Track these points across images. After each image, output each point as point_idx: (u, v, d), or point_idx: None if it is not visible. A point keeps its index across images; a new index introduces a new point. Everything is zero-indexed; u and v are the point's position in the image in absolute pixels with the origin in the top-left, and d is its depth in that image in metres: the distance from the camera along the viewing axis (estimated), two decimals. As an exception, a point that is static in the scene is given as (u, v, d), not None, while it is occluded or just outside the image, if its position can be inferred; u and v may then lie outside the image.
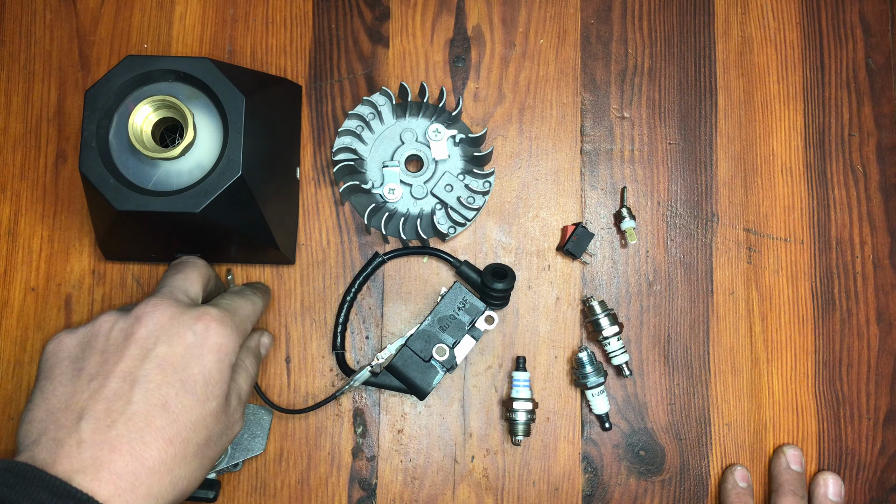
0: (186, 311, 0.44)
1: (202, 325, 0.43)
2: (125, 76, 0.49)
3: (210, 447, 0.43)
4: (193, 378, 0.42)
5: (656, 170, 0.61)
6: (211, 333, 0.43)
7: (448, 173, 0.59)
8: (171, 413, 0.41)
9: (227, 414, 0.45)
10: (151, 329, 0.43)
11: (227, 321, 0.45)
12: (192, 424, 0.41)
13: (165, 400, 0.41)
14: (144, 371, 0.41)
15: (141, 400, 0.40)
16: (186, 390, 0.41)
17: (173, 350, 0.42)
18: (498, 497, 0.57)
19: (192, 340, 0.43)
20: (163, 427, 0.40)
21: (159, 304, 0.44)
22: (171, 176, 0.49)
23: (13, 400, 0.57)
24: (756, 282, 0.60)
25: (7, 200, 0.59)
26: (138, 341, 0.42)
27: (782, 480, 0.56)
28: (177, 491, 0.41)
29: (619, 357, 0.57)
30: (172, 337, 0.42)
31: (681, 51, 0.62)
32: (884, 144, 0.62)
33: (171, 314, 0.43)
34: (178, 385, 0.41)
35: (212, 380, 0.43)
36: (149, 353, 0.42)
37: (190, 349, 0.42)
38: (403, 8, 0.62)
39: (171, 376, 0.41)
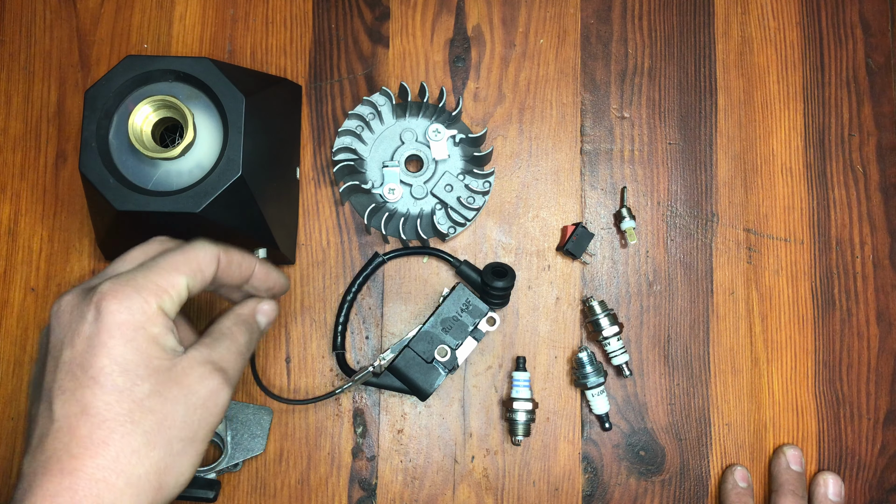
0: (83, 300, 0.39)
1: (93, 310, 0.38)
2: (125, 76, 0.49)
3: (172, 428, 0.39)
4: (103, 370, 0.38)
5: (656, 170, 0.61)
6: (106, 314, 0.38)
7: (448, 173, 0.59)
8: (93, 416, 0.37)
9: (185, 385, 0.39)
10: (56, 333, 0.39)
11: (122, 292, 0.39)
12: (126, 416, 0.37)
13: (84, 404, 0.37)
14: (59, 383, 0.38)
15: (60, 413, 0.37)
16: (103, 385, 0.37)
17: (75, 349, 0.38)
18: (498, 497, 0.57)
19: (90, 330, 0.38)
20: (89, 434, 0.37)
21: (62, 301, 0.40)
22: (171, 176, 0.49)
23: (13, 400, 0.57)
24: (756, 282, 0.60)
25: (7, 200, 0.59)
26: (51, 352, 0.39)
27: (782, 480, 0.56)
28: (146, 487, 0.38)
29: (619, 357, 0.57)
30: (73, 335, 0.38)
31: (681, 51, 0.62)
32: (884, 144, 0.62)
33: (70, 308, 0.39)
34: (91, 383, 0.37)
35: (127, 363, 0.38)
36: (58, 362, 0.39)
37: (90, 341, 0.38)
38: (403, 8, 0.62)
39: (81, 377, 0.38)
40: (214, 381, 0.41)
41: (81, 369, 0.38)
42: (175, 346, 0.40)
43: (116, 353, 0.38)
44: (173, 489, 0.39)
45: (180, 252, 0.42)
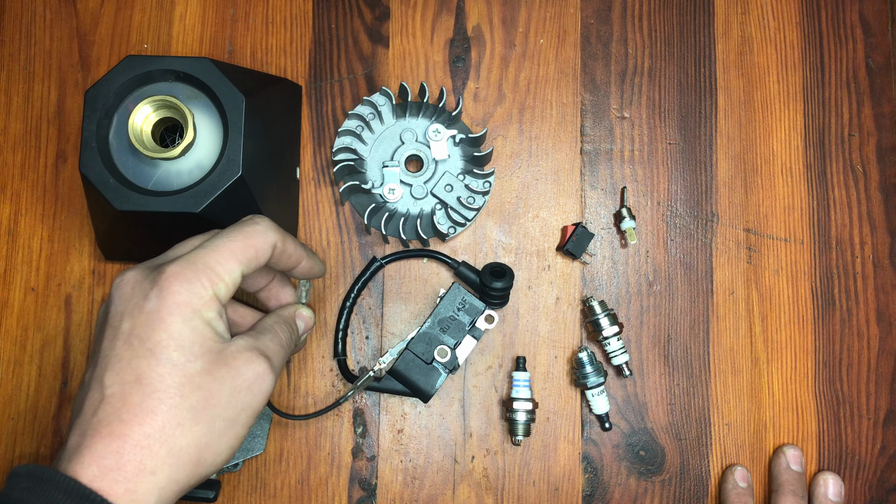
0: (146, 277, 0.42)
1: (157, 288, 0.41)
2: (125, 76, 0.49)
3: (217, 407, 0.41)
4: (161, 343, 0.40)
5: (656, 170, 0.61)
6: (167, 294, 0.40)
7: (448, 173, 0.59)
8: (146, 385, 0.39)
9: (234, 367, 0.42)
10: (118, 305, 0.42)
11: (183, 274, 0.41)
12: (176, 390, 0.39)
13: (138, 373, 0.39)
14: (116, 352, 0.40)
15: (114, 380, 0.39)
16: (156, 358, 0.39)
17: (135, 321, 0.40)
18: (498, 497, 0.57)
19: (152, 306, 0.40)
20: (140, 401, 0.39)
21: (125, 276, 0.42)
22: (171, 176, 0.49)
23: (13, 400, 0.57)
24: (756, 282, 0.60)
25: (7, 200, 0.59)
26: (110, 322, 0.41)
27: (782, 480, 0.56)
28: (186, 460, 0.39)
29: (619, 357, 0.57)
30: (134, 308, 0.41)
31: (681, 51, 0.62)
32: (884, 144, 0.62)
33: (133, 283, 0.42)
34: (148, 355, 0.39)
35: (183, 339, 0.40)
36: (117, 331, 0.41)
37: (150, 316, 0.40)
38: (403, 8, 0.62)
39: (139, 348, 0.40)
40: (260, 367, 0.43)
41: (139, 340, 0.40)
42: (224, 332, 0.42)
43: (174, 329, 0.40)
44: (210, 467, 0.41)
45: (241, 237, 0.44)
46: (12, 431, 0.57)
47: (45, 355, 0.57)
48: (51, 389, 0.57)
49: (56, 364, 0.57)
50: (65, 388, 0.57)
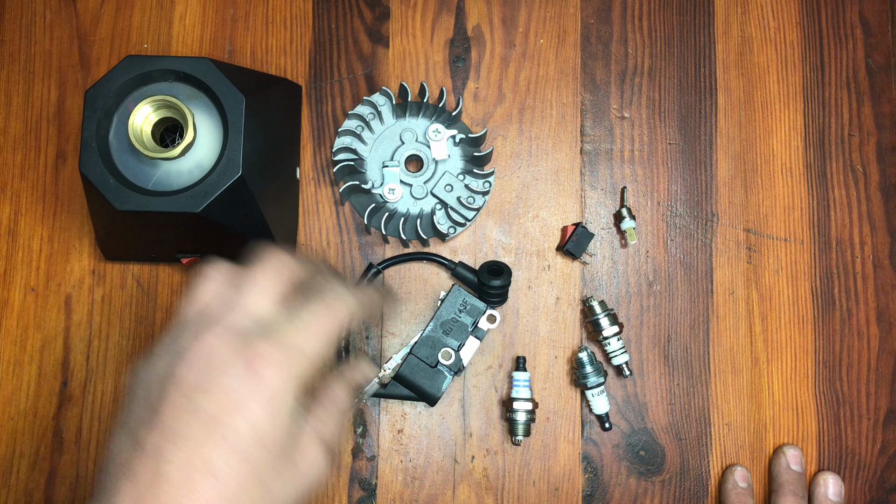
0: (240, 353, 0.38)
1: (247, 369, 0.37)
2: (125, 76, 0.49)
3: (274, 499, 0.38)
4: (239, 434, 0.37)
5: (656, 170, 0.61)
6: (257, 379, 0.37)
7: (448, 173, 0.59)
8: (216, 478, 0.36)
9: (296, 462, 0.39)
10: (195, 372, 0.38)
11: (279, 361, 0.38)
12: (242, 484, 0.36)
13: (208, 460, 0.36)
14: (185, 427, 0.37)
15: (181, 461, 0.36)
16: (232, 449, 0.36)
17: (215, 400, 0.37)
18: (498, 497, 0.57)
19: (237, 388, 0.37)
20: (205, 491, 0.36)
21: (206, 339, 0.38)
22: (171, 176, 0.49)
23: (13, 400, 0.57)
24: (756, 282, 0.60)
25: (7, 200, 0.59)
26: (181, 387, 0.37)
27: (782, 480, 0.56)
28: None
29: (619, 357, 0.57)
30: (215, 385, 0.37)
31: (681, 51, 0.62)
32: (884, 144, 0.62)
33: (216, 350, 0.38)
34: (223, 444, 0.36)
35: (261, 432, 0.37)
36: (191, 404, 0.37)
37: (233, 398, 0.37)
38: (403, 8, 0.62)
39: (214, 434, 0.36)
40: (322, 464, 0.40)
41: (216, 424, 0.37)
42: (300, 416, 0.39)
43: (255, 419, 0.37)
44: None
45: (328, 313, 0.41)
46: (12, 431, 0.57)
47: (45, 355, 0.57)
48: (51, 389, 0.57)
49: (56, 364, 0.57)
50: (65, 388, 0.57)
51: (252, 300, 0.40)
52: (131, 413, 0.38)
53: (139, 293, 0.58)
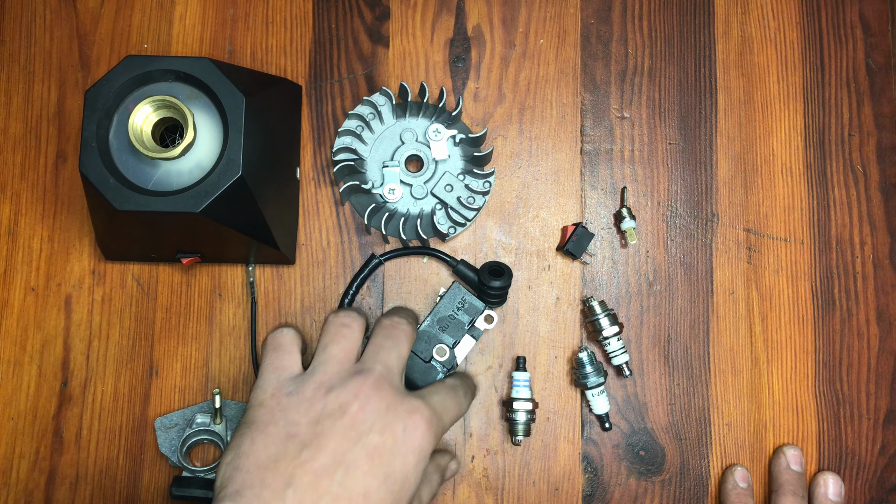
0: (402, 403, 0.44)
1: (413, 423, 0.43)
2: (125, 76, 0.49)
3: None
4: (395, 474, 0.42)
5: (656, 170, 0.61)
6: (418, 433, 0.43)
7: (448, 173, 0.59)
8: (369, 502, 0.40)
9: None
10: (368, 413, 0.43)
11: (434, 424, 0.44)
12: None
13: (367, 490, 0.40)
14: (354, 455, 0.41)
15: (346, 483, 0.40)
16: (387, 485, 0.41)
17: (384, 441, 0.42)
18: (498, 497, 0.57)
19: (401, 436, 0.42)
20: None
21: (381, 389, 0.44)
22: (171, 176, 0.49)
23: (13, 400, 0.57)
24: (756, 282, 0.60)
25: (7, 200, 0.59)
26: (353, 421, 0.42)
27: (782, 480, 0.56)
28: None
29: (619, 357, 0.57)
30: (385, 427, 0.42)
31: (681, 51, 0.62)
32: (884, 144, 0.62)
33: (389, 403, 0.43)
34: (381, 477, 0.41)
35: (408, 480, 0.42)
36: (361, 437, 0.42)
37: (397, 444, 0.42)
38: (403, 8, 0.62)
39: (377, 468, 0.41)
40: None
41: (381, 460, 0.41)
42: None
43: (408, 464, 0.42)
44: None
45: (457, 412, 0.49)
46: (12, 431, 0.57)
47: (45, 355, 0.57)
48: (51, 389, 0.57)
49: (56, 364, 0.57)
50: (65, 388, 0.57)
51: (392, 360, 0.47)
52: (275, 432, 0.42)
53: (139, 293, 0.58)
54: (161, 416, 0.56)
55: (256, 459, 0.41)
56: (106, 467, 0.56)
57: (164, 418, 0.56)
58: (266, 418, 0.43)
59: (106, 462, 0.57)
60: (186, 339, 0.58)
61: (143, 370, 0.57)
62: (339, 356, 0.46)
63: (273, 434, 0.42)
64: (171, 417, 0.56)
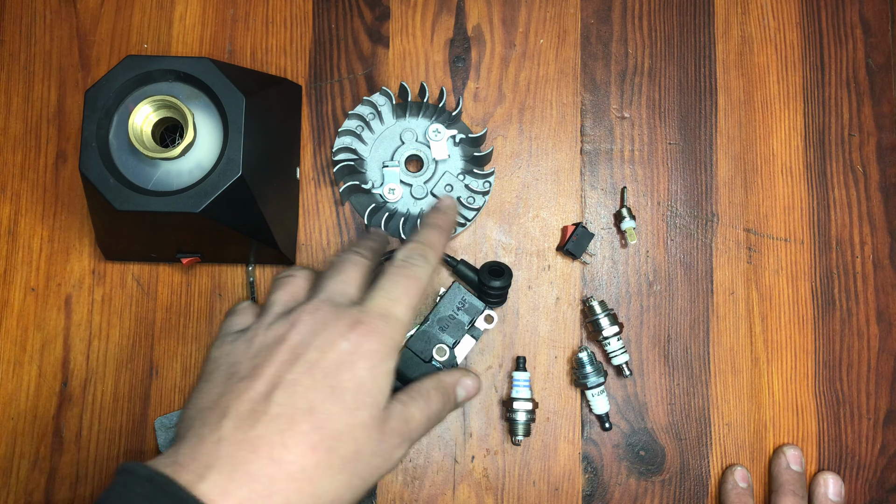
0: (341, 317, 0.42)
1: (355, 334, 0.41)
2: (125, 76, 0.49)
3: (360, 463, 0.40)
4: (343, 385, 0.40)
5: (656, 170, 0.61)
6: (364, 342, 0.41)
7: (448, 173, 0.59)
8: (316, 418, 0.38)
9: (383, 432, 0.41)
10: (304, 335, 0.41)
11: (380, 328, 0.42)
12: (339, 433, 0.39)
13: (311, 405, 0.39)
14: (292, 374, 0.39)
15: (285, 402, 0.38)
16: (335, 397, 0.39)
17: (324, 356, 0.40)
18: (498, 497, 0.57)
19: (345, 348, 0.41)
20: (306, 432, 0.38)
21: (316, 310, 0.42)
22: (171, 176, 0.49)
23: (13, 400, 0.57)
24: (756, 282, 0.60)
25: (7, 200, 0.59)
26: (290, 346, 0.41)
27: (782, 480, 0.56)
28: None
29: (619, 357, 0.57)
30: (325, 343, 0.41)
31: (681, 51, 0.62)
32: (884, 144, 0.62)
33: (326, 320, 0.42)
34: (327, 391, 0.39)
35: (363, 387, 0.40)
36: (298, 357, 0.40)
37: (341, 356, 0.40)
38: (403, 8, 0.62)
39: (320, 381, 0.39)
40: (401, 452, 0.42)
41: (323, 374, 0.40)
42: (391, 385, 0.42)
43: (360, 375, 0.40)
44: None
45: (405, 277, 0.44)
46: (12, 431, 0.57)
47: (45, 355, 0.57)
48: (51, 389, 0.57)
49: (56, 364, 0.57)
50: (65, 388, 0.57)
51: (338, 286, 0.44)
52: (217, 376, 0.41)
53: (139, 293, 0.58)
54: (161, 416, 0.56)
55: (199, 403, 0.40)
56: (106, 467, 0.56)
57: (164, 418, 0.56)
58: (211, 367, 0.42)
59: (106, 462, 0.57)
60: (186, 339, 0.58)
61: (143, 370, 0.57)
62: (282, 299, 0.45)
63: (215, 378, 0.41)
64: (171, 417, 0.56)
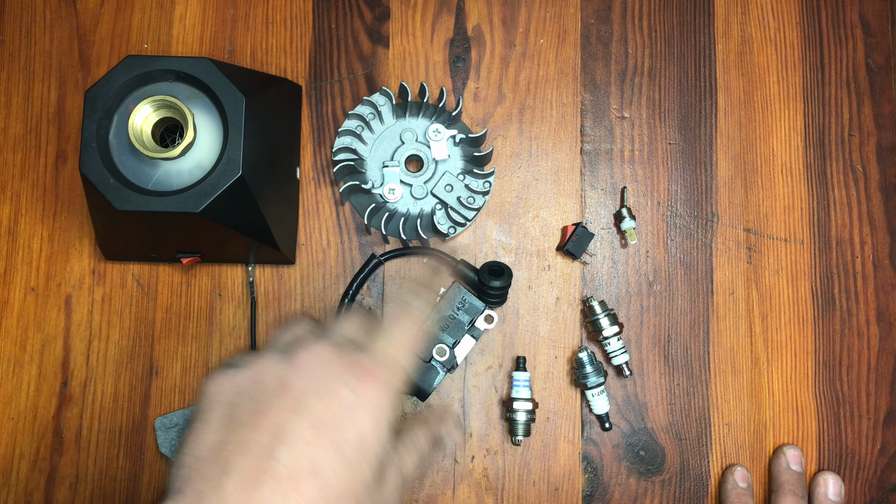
0: (341, 359, 0.39)
1: (358, 382, 0.38)
2: (125, 76, 0.49)
3: None
4: (346, 440, 0.37)
5: (656, 170, 0.61)
6: (365, 388, 0.38)
7: (448, 173, 0.59)
8: (321, 478, 0.36)
9: (381, 487, 0.39)
10: (307, 381, 0.38)
11: (382, 376, 0.39)
12: (343, 493, 0.36)
13: (315, 463, 0.36)
14: (295, 427, 0.37)
15: (289, 460, 0.36)
16: (338, 453, 0.37)
17: (328, 408, 0.37)
18: (498, 497, 0.57)
19: (349, 399, 0.38)
20: (311, 494, 0.35)
21: (316, 349, 0.39)
22: (171, 176, 0.49)
23: (13, 400, 0.57)
24: (756, 282, 0.60)
25: (7, 200, 0.59)
26: (292, 392, 0.38)
27: (782, 480, 0.56)
28: None
29: (619, 357, 0.57)
30: (328, 393, 0.38)
31: (681, 51, 0.62)
32: (884, 144, 0.62)
33: (327, 361, 0.39)
34: (330, 447, 0.37)
35: (367, 444, 0.38)
36: (302, 407, 0.37)
37: (345, 408, 0.38)
38: (403, 8, 0.62)
39: (324, 437, 0.37)
40: (398, 490, 0.41)
41: (327, 429, 0.37)
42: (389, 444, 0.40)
43: (363, 429, 0.38)
44: None
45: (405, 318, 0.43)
46: (12, 431, 0.57)
47: (45, 355, 0.57)
48: (51, 389, 0.57)
49: (56, 364, 0.57)
50: (65, 388, 0.57)
51: (341, 328, 0.42)
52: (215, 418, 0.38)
53: (139, 293, 0.58)
54: (161, 416, 0.56)
55: (197, 451, 0.37)
56: (106, 467, 0.56)
57: (164, 418, 0.56)
58: (206, 405, 0.39)
59: (106, 462, 0.57)
60: (186, 339, 0.58)
61: (143, 370, 0.57)
62: (284, 338, 0.43)
63: (213, 420, 0.38)
64: (171, 417, 0.56)
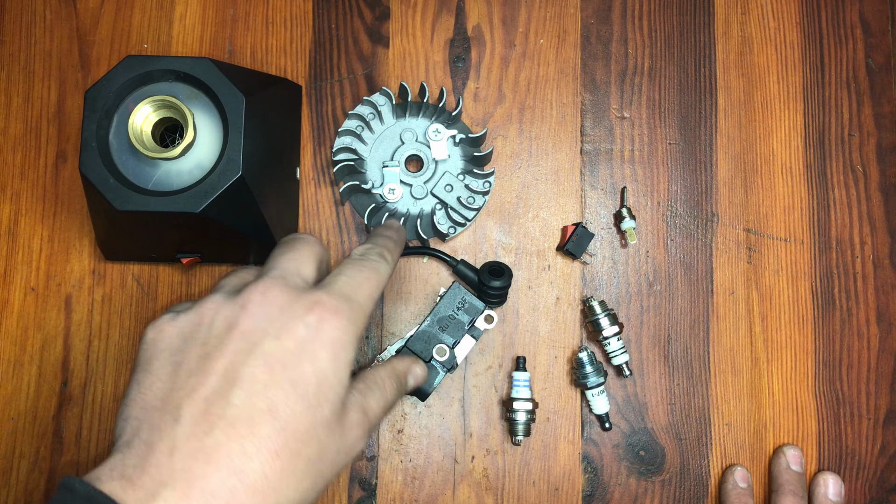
0: (298, 299, 0.37)
1: (315, 317, 0.37)
2: (125, 76, 0.49)
3: (323, 465, 0.36)
4: (305, 378, 0.35)
5: (656, 170, 0.61)
6: (325, 326, 0.37)
7: (448, 173, 0.59)
8: (278, 420, 0.34)
9: (344, 427, 0.37)
10: (259, 320, 0.36)
11: (343, 311, 0.37)
12: (303, 434, 0.35)
13: (272, 404, 0.34)
14: (249, 369, 0.35)
15: (244, 402, 0.34)
16: (297, 393, 0.35)
17: (283, 345, 0.36)
18: (498, 497, 0.57)
19: (304, 334, 0.36)
20: (269, 436, 0.34)
21: (268, 290, 0.37)
22: (171, 176, 0.49)
23: (13, 400, 0.57)
24: (756, 282, 0.60)
25: (7, 200, 0.59)
26: (243, 333, 0.36)
27: (782, 481, 0.56)
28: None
29: (619, 357, 0.57)
30: (282, 330, 0.36)
31: (681, 51, 0.62)
32: (884, 144, 0.62)
33: (282, 302, 0.37)
34: (288, 387, 0.35)
35: (326, 381, 0.36)
36: (254, 347, 0.36)
37: (301, 345, 0.36)
38: (403, 8, 0.62)
39: (280, 376, 0.35)
40: (363, 441, 0.39)
41: (282, 368, 0.35)
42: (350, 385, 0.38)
43: (322, 365, 0.36)
44: None
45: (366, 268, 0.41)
46: (12, 431, 0.57)
47: (45, 355, 0.57)
48: (51, 389, 0.57)
49: (56, 364, 0.57)
50: (65, 388, 0.57)
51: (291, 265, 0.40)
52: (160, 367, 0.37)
53: (139, 293, 0.58)
54: (161, 416, 0.56)
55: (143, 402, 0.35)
56: (106, 467, 0.56)
57: (164, 418, 0.56)
58: (149, 354, 0.37)
59: (106, 462, 0.56)
60: (186, 339, 0.58)
61: (143, 370, 0.57)
62: (231, 282, 0.40)
63: (158, 369, 0.36)
64: (171, 417, 0.56)
